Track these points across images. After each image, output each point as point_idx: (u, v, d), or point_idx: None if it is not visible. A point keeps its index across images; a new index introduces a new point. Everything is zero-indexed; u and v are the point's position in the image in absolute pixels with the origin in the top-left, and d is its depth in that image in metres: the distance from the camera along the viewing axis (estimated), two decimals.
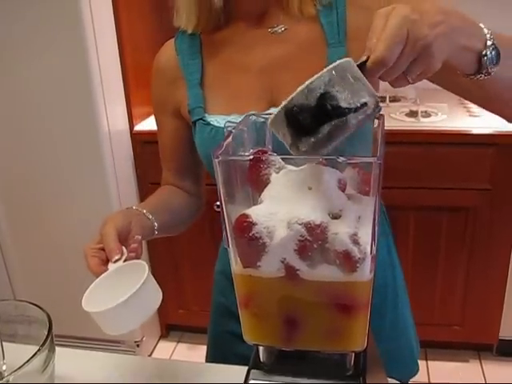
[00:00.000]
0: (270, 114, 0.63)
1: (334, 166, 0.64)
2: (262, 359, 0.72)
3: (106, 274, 0.83)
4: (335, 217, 0.62)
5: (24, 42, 2.02)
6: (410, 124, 2.22)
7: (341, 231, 0.60)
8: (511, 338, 2.39)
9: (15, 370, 0.71)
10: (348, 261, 0.60)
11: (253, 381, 0.69)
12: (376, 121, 0.67)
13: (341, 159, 0.57)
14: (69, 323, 1.89)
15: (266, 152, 0.70)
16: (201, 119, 1.02)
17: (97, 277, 0.83)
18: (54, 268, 2.37)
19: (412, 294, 2.31)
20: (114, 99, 2.21)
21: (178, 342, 2.71)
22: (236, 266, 0.66)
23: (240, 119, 0.77)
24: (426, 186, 2.19)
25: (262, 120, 0.75)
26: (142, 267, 0.81)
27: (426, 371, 2.42)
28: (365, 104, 0.59)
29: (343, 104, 0.59)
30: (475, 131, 2.13)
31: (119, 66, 2.21)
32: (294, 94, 0.60)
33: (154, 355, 2.59)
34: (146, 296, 0.78)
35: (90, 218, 2.17)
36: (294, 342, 0.68)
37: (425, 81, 0.90)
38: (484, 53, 0.71)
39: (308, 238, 0.60)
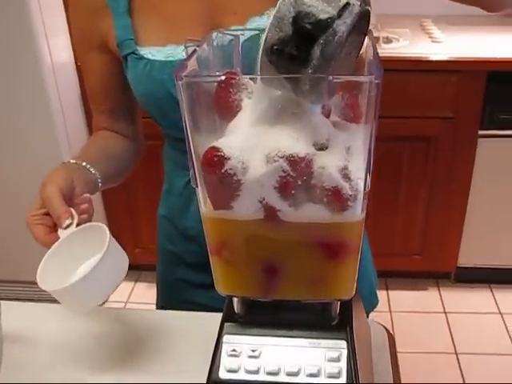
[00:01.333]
0: (238, 30, 0.53)
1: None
2: (236, 310, 0.64)
3: (58, 243, 0.73)
4: (321, 148, 0.53)
5: None
6: None
7: (328, 164, 0.52)
8: (468, 265, 2.42)
9: None
10: (338, 199, 0.52)
11: (228, 335, 0.62)
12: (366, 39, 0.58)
13: (330, 78, 0.48)
14: (16, 267, 1.79)
15: (235, 74, 0.59)
16: (132, 53, 0.90)
17: (47, 247, 0.73)
18: None
19: (373, 225, 2.31)
20: (56, 30, 2.05)
21: (136, 281, 2.65)
22: (205, 208, 0.57)
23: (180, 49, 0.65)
24: (387, 115, 2.13)
25: (230, 38, 0.64)
26: (100, 230, 0.71)
27: (387, 301, 2.44)
28: (347, 4, 0.50)
29: (322, 16, 0.49)
30: (438, 57, 2.07)
31: None
32: (265, 33, 0.51)
33: (111, 296, 2.53)
34: (111, 263, 0.69)
35: (35, 157, 2.07)
36: (273, 292, 0.60)
37: (386, 6, 0.80)
38: None
39: (291, 173, 0.51)
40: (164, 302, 1.15)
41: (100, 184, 0.89)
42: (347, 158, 0.53)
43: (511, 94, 2.09)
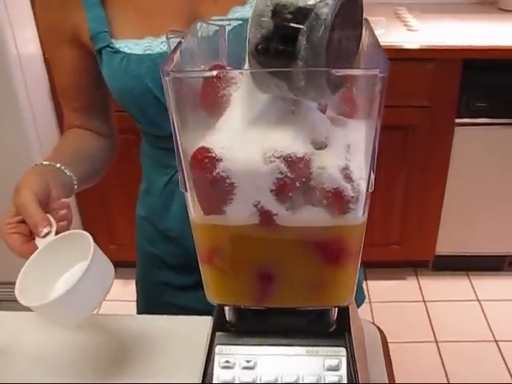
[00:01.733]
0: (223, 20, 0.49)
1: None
2: (228, 318, 0.60)
3: (36, 253, 0.68)
4: (320, 147, 0.49)
5: None
6: None
7: (329, 164, 0.48)
8: (446, 253, 2.43)
9: None
10: (339, 201, 0.49)
11: (220, 346, 0.58)
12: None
13: (333, 71, 0.44)
14: None
15: (222, 67, 0.55)
16: (107, 46, 0.84)
17: (25, 258, 0.68)
18: None
19: None
20: (23, 22, 1.98)
21: None
22: (195, 213, 0.53)
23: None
24: None
25: (214, 28, 0.60)
26: (82, 237, 0.66)
27: (366, 291, 2.43)
28: None
29: (301, 3, 0.46)
30: (413, 46, 2.05)
31: None
32: (248, 35, 0.48)
33: None
34: (96, 274, 0.64)
35: (3, 157, 1.99)
36: (268, 300, 0.57)
37: None
38: None
39: (288, 174, 0.48)
40: (145, 305, 1.11)
41: (76, 186, 0.84)
42: (348, 157, 0.50)
43: (487, 82, 2.08)
